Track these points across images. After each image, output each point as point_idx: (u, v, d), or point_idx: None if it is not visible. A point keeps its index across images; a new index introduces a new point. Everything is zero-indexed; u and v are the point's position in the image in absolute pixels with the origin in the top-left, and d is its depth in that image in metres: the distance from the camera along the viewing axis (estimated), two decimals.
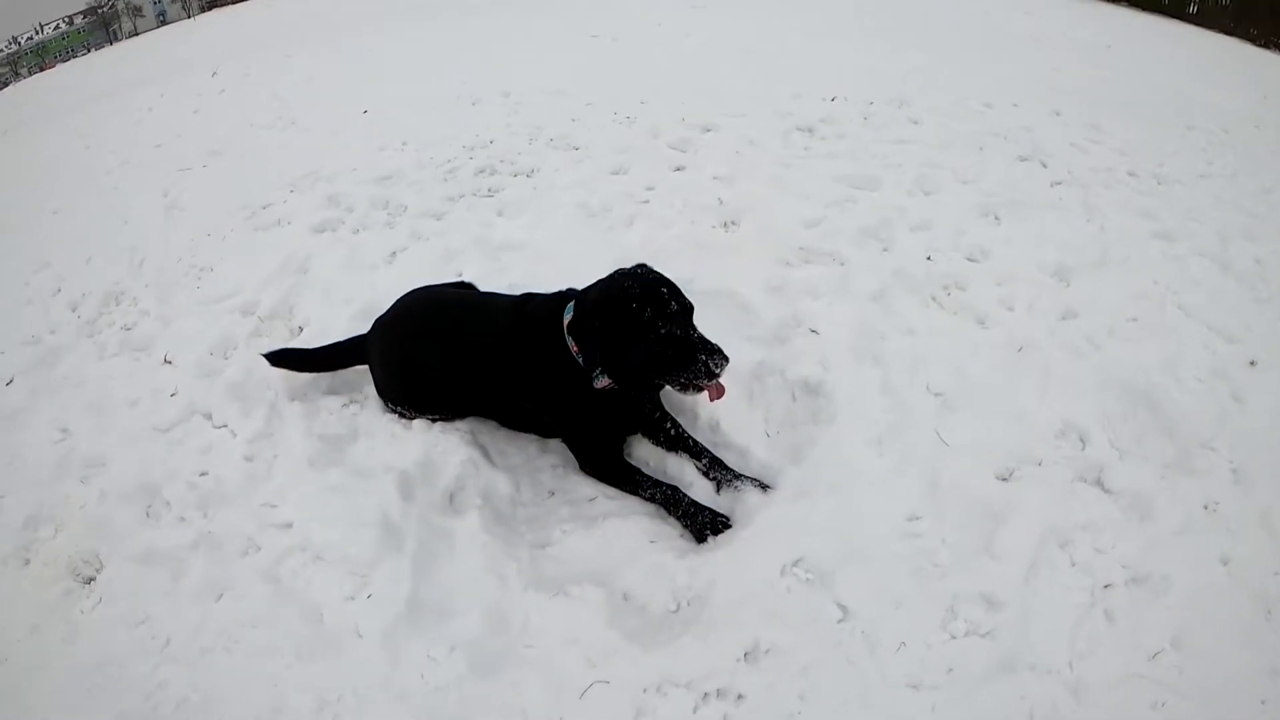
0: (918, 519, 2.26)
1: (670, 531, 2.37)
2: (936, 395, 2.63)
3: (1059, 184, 3.99)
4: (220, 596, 2.27)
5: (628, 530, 2.38)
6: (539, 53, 7.08)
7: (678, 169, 4.21)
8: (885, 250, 3.32)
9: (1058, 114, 5.05)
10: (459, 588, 2.18)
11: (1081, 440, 2.50)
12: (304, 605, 2.18)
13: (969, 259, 3.24)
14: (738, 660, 1.97)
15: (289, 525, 2.43)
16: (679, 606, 2.14)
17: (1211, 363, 2.80)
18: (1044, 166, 4.20)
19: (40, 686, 2.22)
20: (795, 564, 2.16)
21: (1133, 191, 3.99)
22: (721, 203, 3.74)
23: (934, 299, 3.05)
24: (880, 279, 3.11)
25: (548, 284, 2.73)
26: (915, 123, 4.59)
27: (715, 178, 4.00)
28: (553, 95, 5.59)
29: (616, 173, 4.20)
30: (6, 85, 20.81)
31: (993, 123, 4.62)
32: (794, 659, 1.95)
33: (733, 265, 3.27)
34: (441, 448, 2.58)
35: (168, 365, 3.32)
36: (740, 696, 1.89)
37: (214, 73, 8.40)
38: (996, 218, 3.54)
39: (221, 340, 3.33)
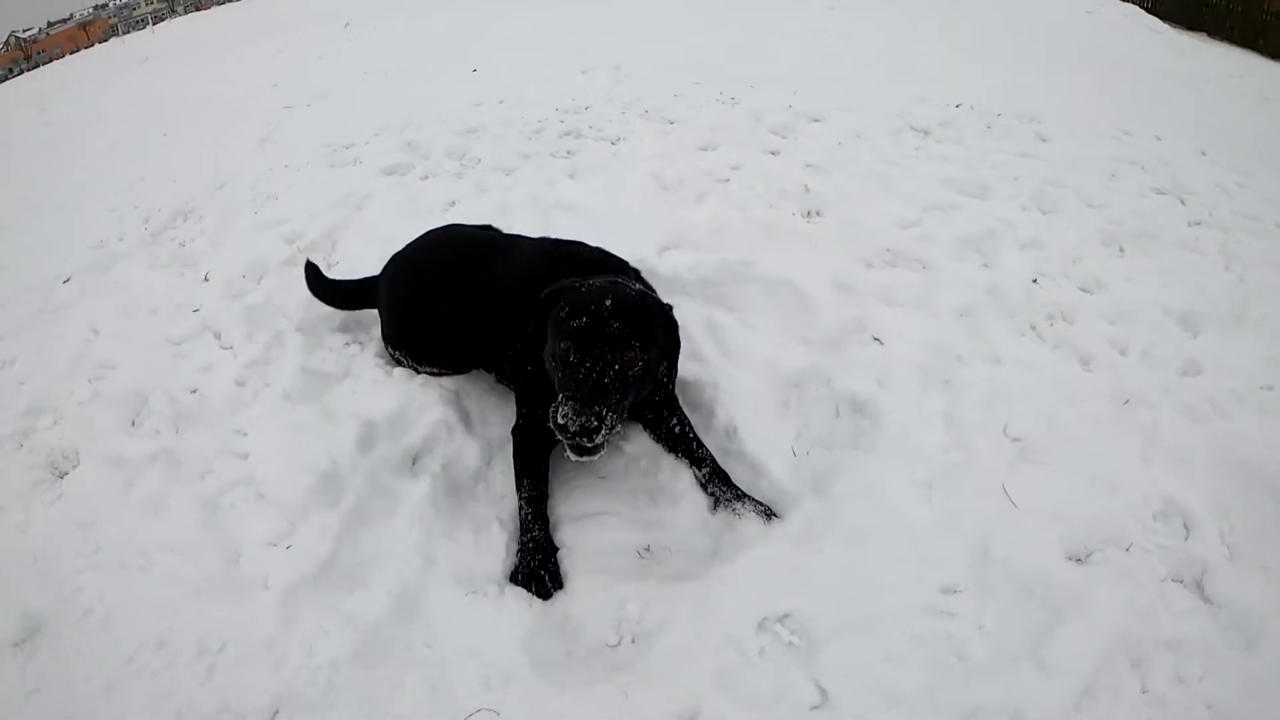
0: (955, 593, 1.87)
1: (666, 542, 2.11)
2: (1014, 441, 2.23)
3: (1197, 224, 3.46)
4: (157, 513, 2.25)
5: (605, 529, 2.15)
6: (664, 34, 7.01)
7: (772, 153, 3.98)
8: (985, 265, 2.95)
9: (1203, 153, 4.46)
10: (381, 559, 2.02)
11: (1185, 527, 2.04)
12: (227, 543, 2.11)
13: (1082, 289, 2.82)
14: None
15: (246, 456, 2.38)
16: (619, 641, 1.88)
17: None
18: (1182, 204, 3.66)
19: None
20: (780, 620, 1.85)
21: None
22: (808, 190, 3.47)
23: (1033, 327, 2.65)
24: (971, 295, 2.74)
25: None
26: (1043, 139, 4.17)
27: (808, 165, 3.74)
28: (664, 71, 5.49)
29: (704, 149, 4.02)
30: (162, 20, 23.04)
31: (1130, 150, 4.12)
32: None
33: (802, 256, 2.98)
34: (419, 402, 2.46)
35: (204, 282, 3.41)
36: None
37: (346, 23, 8.86)
38: (1121, 249, 3.07)
39: (256, 264, 3.38)
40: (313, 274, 2.94)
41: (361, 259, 3.27)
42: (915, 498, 2.11)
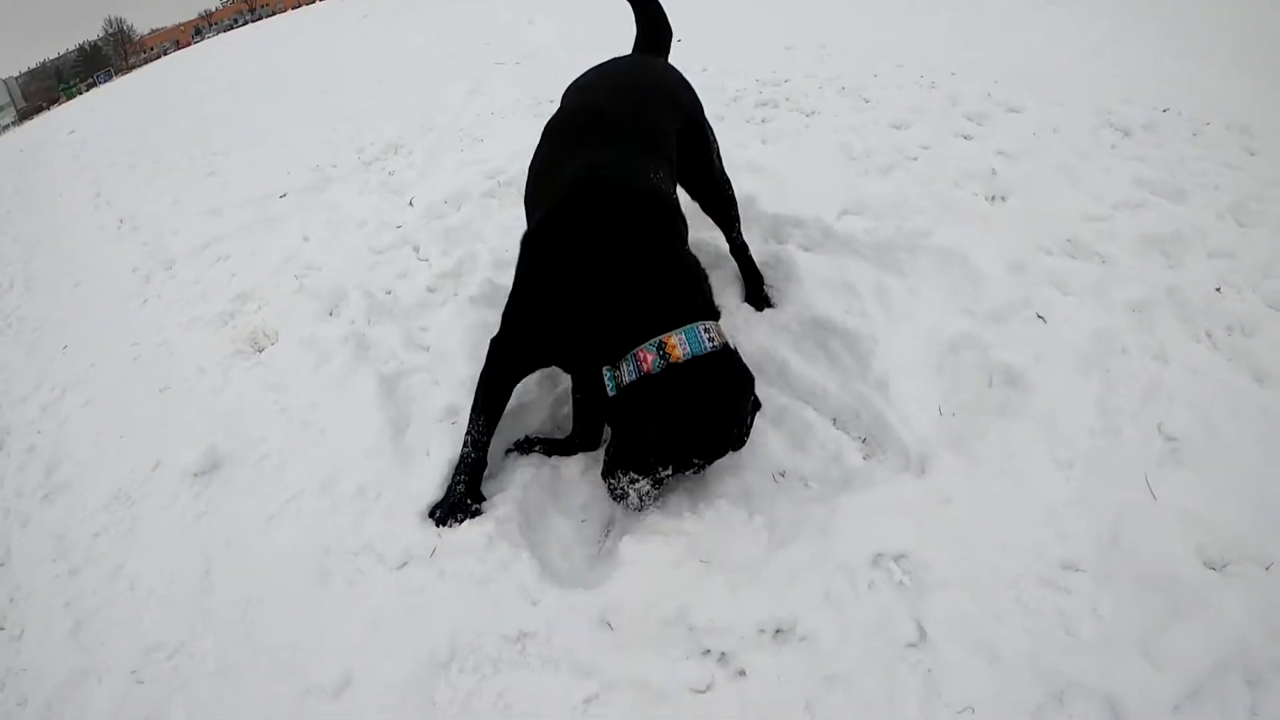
0: (1076, 571, 1.83)
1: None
2: (1168, 440, 2.14)
3: None
4: (341, 387, 2.58)
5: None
6: (870, 15, 7.09)
7: (964, 137, 3.96)
8: (1169, 267, 2.84)
9: None
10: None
11: None
12: (399, 415, 2.41)
13: (1270, 305, 2.64)
14: (761, 632, 1.77)
15: (428, 348, 2.68)
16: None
17: None
18: None
19: (174, 415, 2.77)
20: (896, 559, 1.88)
21: None
22: (995, 174, 3.45)
23: (1208, 334, 2.54)
24: (1147, 291, 2.65)
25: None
26: (1251, 153, 3.85)
27: (999, 152, 3.70)
28: (866, 52, 5.54)
29: (897, 127, 4.05)
30: None
31: None
32: (827, 659, 1.71)
33: (979, 235, 2.99)
34: None
35: (409, 207, 3.84)
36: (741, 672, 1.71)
37: None
38: None
39: (458, 192, 3.75)
40: None
41: None
42: (1054, 473, 2.08)
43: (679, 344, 1.82)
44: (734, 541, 1.94)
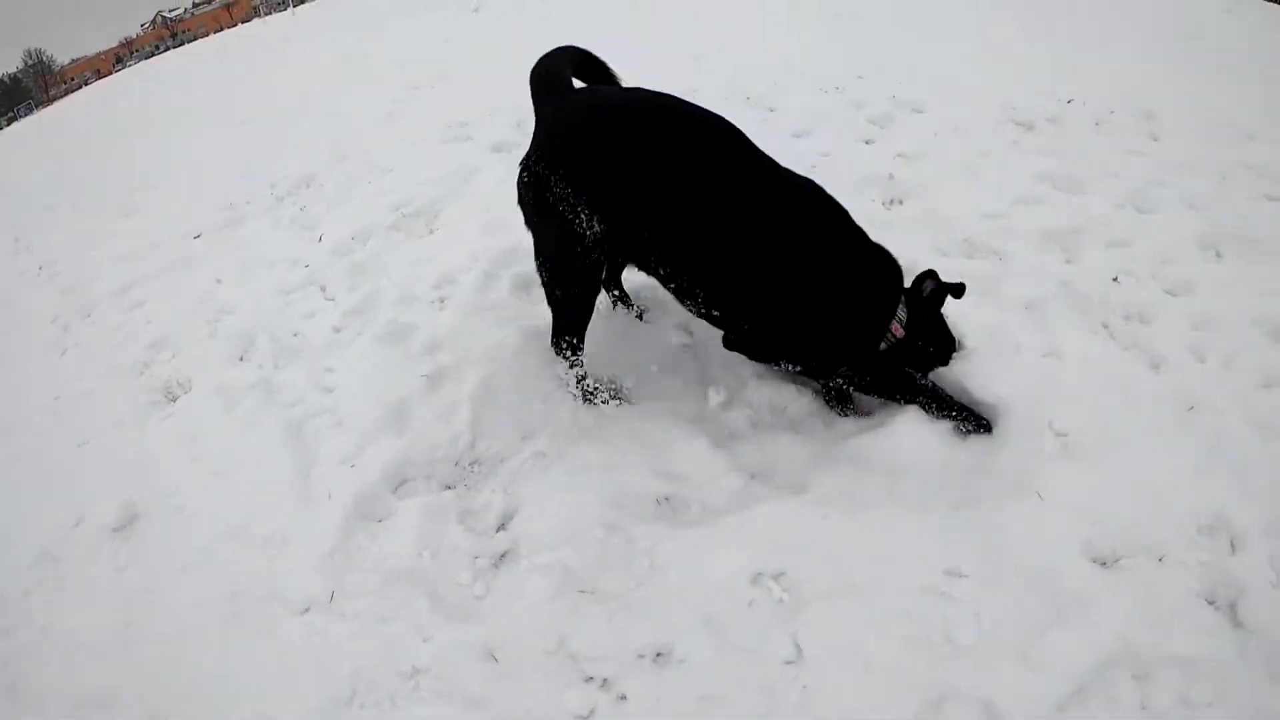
0: (959, 577, 1.97)
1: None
2: (1058, 435, 2.32)
3: None
4: (249, 431, 2.73)
5: None
6: (777, 20, 7.22)
7: (866, 141, 4.14)
8: (1067, 261, 3.02)
9: None
10: None
11: (1232, 545, 2.04)
12: (303, 458, 2.55)
13: (1168, 291, 2.82)
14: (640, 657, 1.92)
15: (332, 390, 2.83)
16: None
17: None
18: None
19: (94, 470, 2.88)
20: (776, 576, 2.02)
21: None
22: (892, 178, 3.63)
23: (1105, 325, 2.68)
24: (1043, 288, 2.82)
25: None
26: (1155, 139, 4.08)
27: (899, 155, 3.88)
28: (774, 59, 5.66)
29: (798, 135, 4.22)
30: (303, 1, 25.17)
31: (1250, 154, 3.94)
32: (705, 680, 1.85)
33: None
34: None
35: (318, 243, 3.96)
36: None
37: (476, 8, 9.72)
38: (1218, 254, 3.01)
39: (365, 227, 3.88)
40: None
41: (458, 228, 3.70)
42: (939, 479, 2.21)
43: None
44: (614, 569, 2.09)
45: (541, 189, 2.22)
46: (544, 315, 2.54)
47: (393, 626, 2.01)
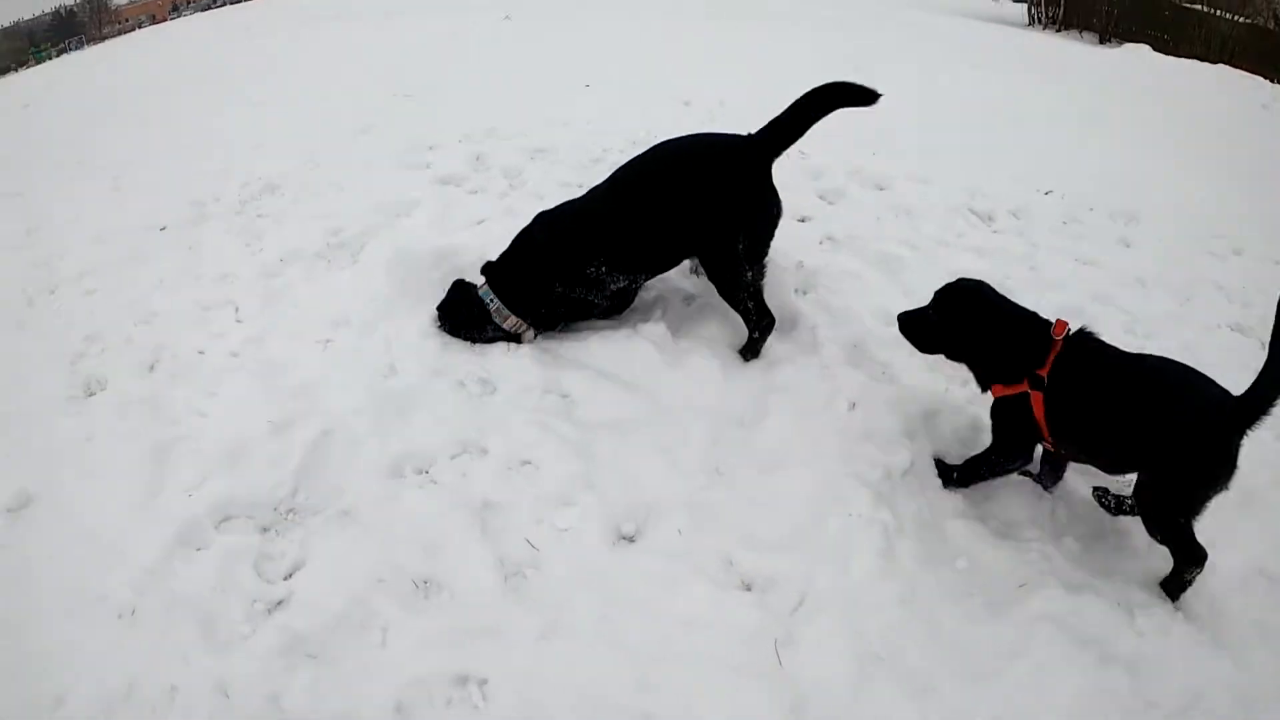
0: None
1: None
2: None
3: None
4: (129, 442, 3.21)
5: None
6: (763, 67, 7.43)
7: (801, 219, 4.36)
8: (964, 384, 3.25)
9: None
10: None
11: None
12: (156, 480, 3.04)
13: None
14: None
15: (205, 415, 3.31)
16: None
17: None
18: (1262, 347, 3.63)
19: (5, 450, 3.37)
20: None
21: None
22: (801, 265, 3.89)
23: None
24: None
25: None
26: (1126, 244, 4.21)
27: (827, 238, 4.12)
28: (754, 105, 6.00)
29: None
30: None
31: (1226, 272, 4.06)
32: None
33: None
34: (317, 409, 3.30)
35: (256, 255, 4.44)
36: None
37: (506, 16, 10.15)
38: None
39: (294, 250, 4.35)
40: None
41: (373, 268, 4.10)
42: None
43: None
44: (345, 639, 2.51)
45: None
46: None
47: (168, 645, 2.48)
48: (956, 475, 2.95)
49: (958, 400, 3.26)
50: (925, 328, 2.95)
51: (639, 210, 3.25)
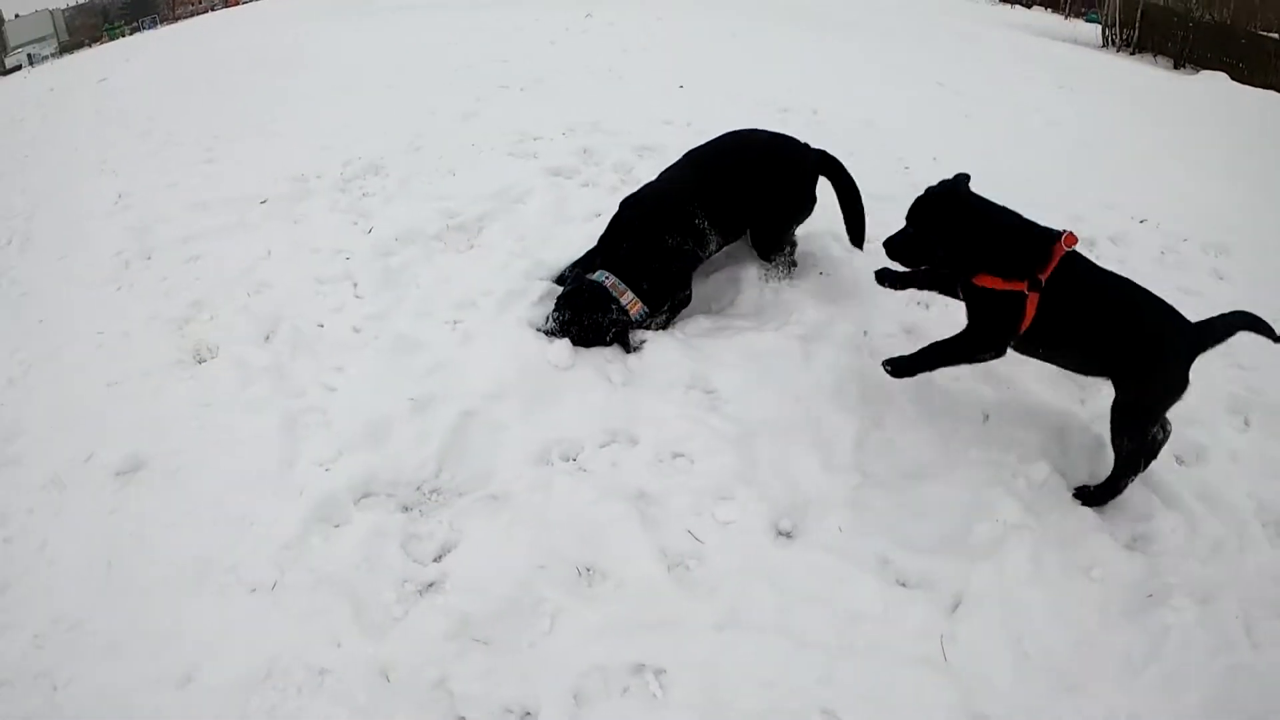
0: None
1: None
2: None
3: None
4: (255, 412, 3.10)
5: None
6: (861, 81, 7.33)
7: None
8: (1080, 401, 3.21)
9: None
10: None
11: None
12: (289, 450, 2.90)
13: (1175, 456, 3.03)
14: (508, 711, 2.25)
15: (334, 390, 3.17)
16: None
17: None
18: None
19: (114, 412, 3.26)
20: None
21: None
22: (822, 275, 3.81)
23: None
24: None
25: None
26: (1220, 277, 4.09)
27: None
28: (860, 122, 5.87)
29: None
30: None
31: None
32: None
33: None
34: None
35: (366, 235, 4.31)
36: None
37: (588, 14, 10.08)
38: (1246, 422, 3.18)
39: (410, 230, 4.22)
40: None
41: (495, 252, 3.99)
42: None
43: None
44: (513, 625, 2.37)
45: None
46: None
47: (315, 625, 2.33)
48: (911, 362, 2.93)
49: (1082, 419, 3.16)
50: (913, 242, 2.97)
51: (725, 179, 3.57)
